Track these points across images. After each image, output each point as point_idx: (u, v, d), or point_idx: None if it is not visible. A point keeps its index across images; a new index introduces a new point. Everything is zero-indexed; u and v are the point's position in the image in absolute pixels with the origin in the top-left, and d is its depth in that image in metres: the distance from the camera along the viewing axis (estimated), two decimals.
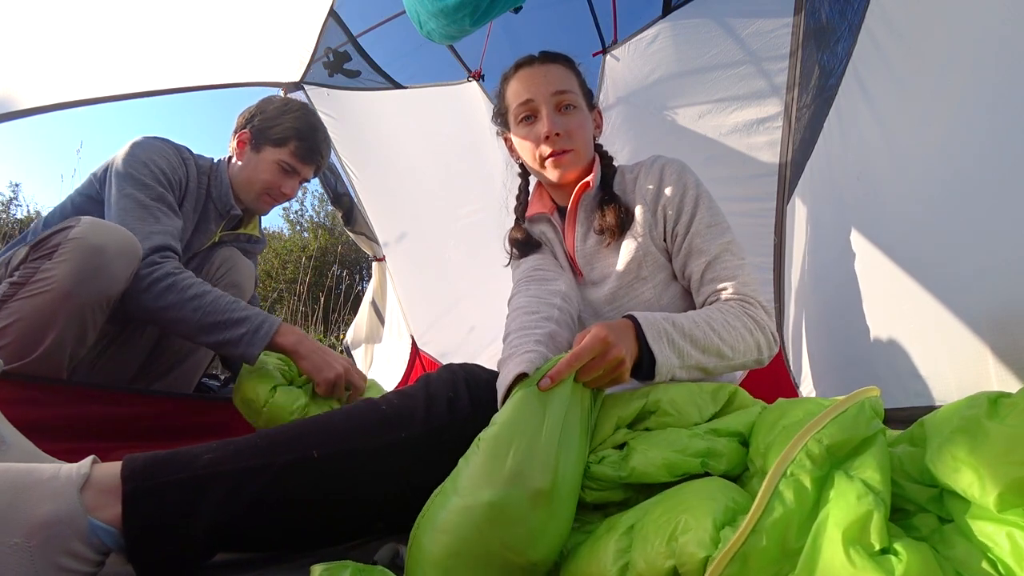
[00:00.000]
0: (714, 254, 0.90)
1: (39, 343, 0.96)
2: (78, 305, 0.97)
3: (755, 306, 0.85)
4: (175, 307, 1.04)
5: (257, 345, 1.03)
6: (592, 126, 1.04)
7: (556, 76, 0.98)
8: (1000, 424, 0.37)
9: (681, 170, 0.97)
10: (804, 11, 1.54)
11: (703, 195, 0.95)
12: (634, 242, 0.96)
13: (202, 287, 1.07)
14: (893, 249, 0.80)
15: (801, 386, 1.51)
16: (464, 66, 2.17)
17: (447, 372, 0.75)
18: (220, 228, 1.37)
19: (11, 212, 7.38)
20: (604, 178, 1.02)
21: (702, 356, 0.75)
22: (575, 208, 1.02)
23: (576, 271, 1.04)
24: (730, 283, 0.87)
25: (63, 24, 1.34)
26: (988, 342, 0.53)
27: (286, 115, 1.35)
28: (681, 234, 0.94)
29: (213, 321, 1.04)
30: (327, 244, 9.19)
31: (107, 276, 0.98)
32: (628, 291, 0.97)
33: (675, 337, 0.73)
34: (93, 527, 0.52)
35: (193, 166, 1.31)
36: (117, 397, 1.14)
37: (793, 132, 1.66)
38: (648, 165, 1.01)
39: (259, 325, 1.04)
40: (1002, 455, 0.35)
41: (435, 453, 0.66)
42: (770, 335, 0.84)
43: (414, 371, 2.61)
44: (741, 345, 0.79)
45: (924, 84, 0.69)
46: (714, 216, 0.93)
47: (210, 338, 1.05)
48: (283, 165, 1.33)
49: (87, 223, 0.99)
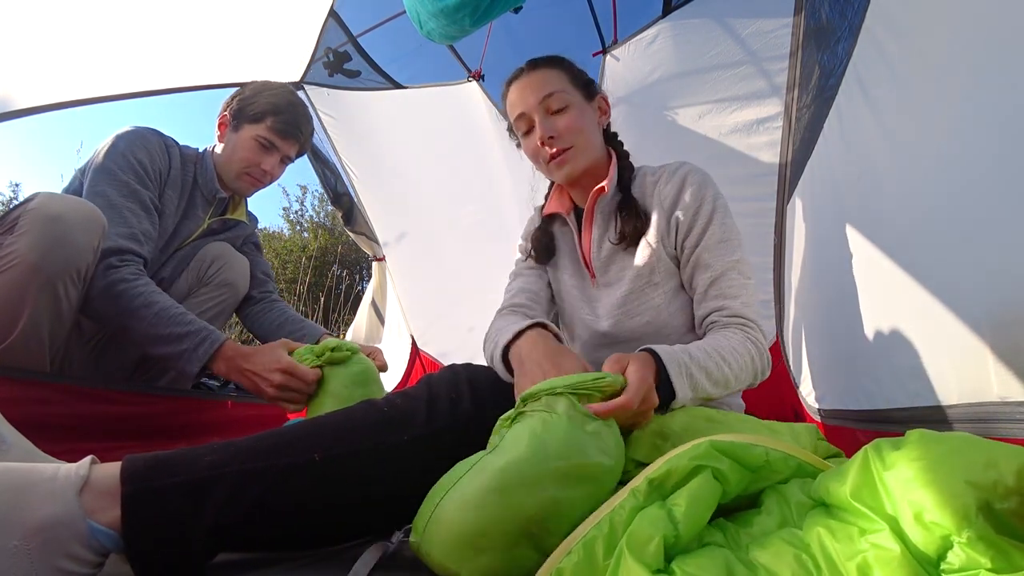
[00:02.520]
0: (720, 271, 0.90)
1: (15, 322, 0.95)
2: (47, 278, 0.95)
3: (755, 329, 0.86)
4: (123, 315, 1.04)
5: (195, 363, 1.02)
6: (595, 116, 1.04)
7: (541, 81, 0.98)
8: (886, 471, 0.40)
9: (703, 181, 0.97)
10: (804, 11, 1.53)
11: (719, 209, 0.94)
12: (648, 248, 0.96)
13: (151, 296, 1.06)
14: (893, 249, 0.80)
15: (801, 386, 1.51)
16: (464, 66, 2.17)
17: (449, 373, 0.75)
18: (208, 215, 1.37)
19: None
20: (621, 179, 1.02)
21: (711, 388, 0.76)
22: (591, 212, 1.02)
23: (590, 273, 1.05)
24: (732, 303, 0.88)
25: (62, 24, 1.34)
26: (988, 342, 0.52)
27: (263, 93, 1.35)
28: (691, 246, 0.94)
29: (156, 333, 1.03)
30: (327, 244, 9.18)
31: (71, 246, 0.97)
32: (639, 296, 0.97)
33: (693, 371, 0.73)
34: (92, 529, 0.51)
35: (177, 155, 1.31)
36: (117, 396, 1.14)
37: (793, 132, 1.65)
38: (672, 171, 1.00)
39: (199, 343, 1.03)
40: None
41: (437, 454, 0.66)
42: (767, 358, 0.86)
43: (414, 371, 2.61)
44: (744, 374, 0.81)
45: (924, 84, 0.69)
46: (726, 232, 0.92)
47: (155, 350, 1.05)
48: (261, 140, 1.32)
49: (44, 195, 0.98)
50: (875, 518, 0.39)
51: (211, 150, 1.38)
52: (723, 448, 0.50)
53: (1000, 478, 0.33)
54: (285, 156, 1.39)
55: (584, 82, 1.04)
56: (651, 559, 0.41)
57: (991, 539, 0.32)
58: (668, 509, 0.46)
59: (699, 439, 0.52)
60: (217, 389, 1.54)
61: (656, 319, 0.96)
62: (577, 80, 1.02)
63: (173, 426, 1.26)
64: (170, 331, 1.03)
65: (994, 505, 0.33)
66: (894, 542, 0.36)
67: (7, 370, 0.94)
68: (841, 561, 0.38)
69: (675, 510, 0.46)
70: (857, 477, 0.41)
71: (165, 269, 1.29)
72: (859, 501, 0.41)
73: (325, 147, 2.33)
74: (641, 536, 0.43)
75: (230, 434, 1.21)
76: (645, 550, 0.42)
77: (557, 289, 1.12)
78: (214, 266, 1.33)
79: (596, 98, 1.05)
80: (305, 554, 0.68)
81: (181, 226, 1.32)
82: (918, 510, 0.36)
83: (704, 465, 0.49)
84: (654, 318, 0.96)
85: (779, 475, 0.51)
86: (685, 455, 0.50)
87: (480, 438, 0.63)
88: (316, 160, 2.34)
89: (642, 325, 0.97)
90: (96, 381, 1.16)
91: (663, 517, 0.44)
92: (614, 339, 1.01)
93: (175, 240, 1.31)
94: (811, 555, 0.40)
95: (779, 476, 0.52)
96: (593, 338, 1.04)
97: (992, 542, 0.32)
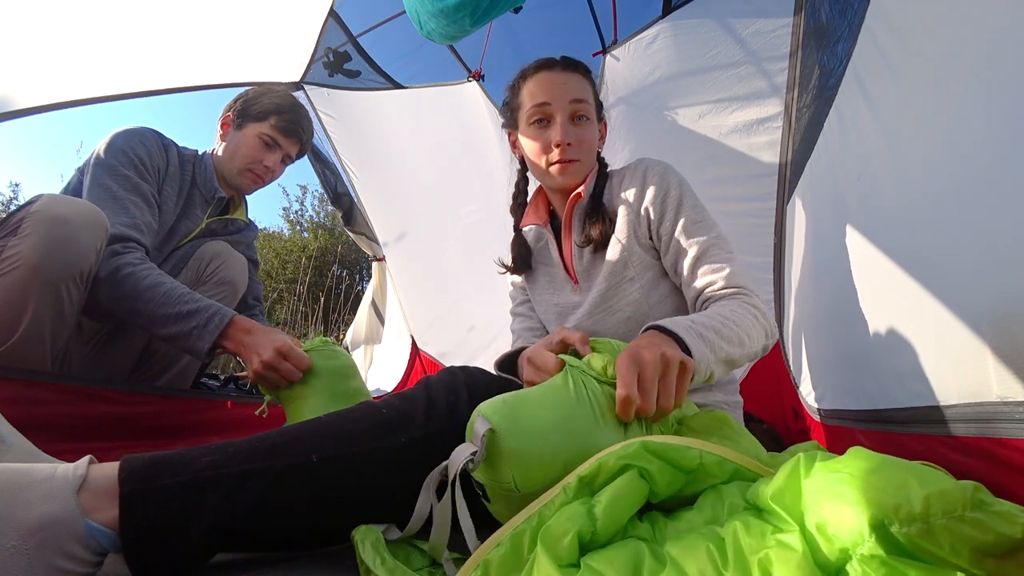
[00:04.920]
0: (702, 249, 0.91)
1: (18, 323, 0.95)
2: (49, 279, 0.96)
3: (750, 295, 0.87)
4: (130, 297, 1.04)
5: (206, 339, 1.02)
6: (598, 137, 1.05)
7: (575, 85, 0.99)
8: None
9: (664, 171, 0.98)
10: (804, 11, 1.53)
11: (687, 194, 0.96)
12: (618, 244, 0.98)
13: (158, 278, 1.06)
14: (893, 249, 0.80)
15: (801, 386, 1.51)
16: (464, 66, 2.17)
17: (447, 375, 0.75)
18: (207, 214, 1.38)
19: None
20: (596, 187, 1.04)
21: (729, 346, 0.74)
22: (569, 218, 1.04)
23: (572, 279, 1.06)
24: (721, 276, 0.88)
25: (62, 24, 1.34)
26: (988, 342, 0.52)
27: (267, 94, 1.38)
28: (667, 233, 0.95)
29: (164, 313, 1.03)
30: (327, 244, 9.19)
31: (75, 247, 0.97)
32: (616, 291, 0.99)
33: (702, 331, 0.71)
34: (90, 529, 0.51)
35: (175, 153, 1.32)
36: (116, 396, 1.14)
37: (793, 132, 1.65)
38: (633, 168, 1.03)
39: (209, 318, 1.03)
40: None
41: (435, 456, 0.65)
42: (770, 320, 0.86)
43: (414, 371, 2.61)
44: (754, 332, 0.80)
45: (924, 84, 0.69)
46: (698, 213, 0.94)
47: (163, 330, 1.05)
48: (264, 138, 1.34)
49: (48, 197, 0.99)
50: (790, 520, 0.40)
51: (210, 152, 1.39)
52: (654, 449, 0.51)
53: (905, 503, 0.33)
54: (286, 155, 1.41)
55: (599, 103, 1.06)
56: (564, 553, 0.43)
57: (883, 559, 0.32)
58: (590, 506, 0.47)
59: (631, 440, 0.52)
60: (217, 389, 1.54)
61: (636, 312, 0.98)
62: (596, 98, 1.04)
63: (173, 426, 1.26)
64: (178, 310, 1.04)
65: (890, 527, 0.33)
66: (799, 543, 0.37)
67: (7, 370, 0.94)
68: (747, 556, 0.38)
69: (596, 507, 0.47)
70: (782, 481, 0.42)
71: (164, 267, 1.29)
72: (779, 503, 0.41)
73: (325, 147, 2.33)
74: (556, 531, 0.44)
75: (230, 434, 1.21)
76: (559, 544, 0.43)
77: (536, 303, 1.14)
78: (212, 264, 1.33)
79: (601, 121, 1.07)
80: (304, 554, 0.68)
81: (179, 224, 1.32)
82: (821, 521, 0.36)
83: (631, 464, 0.50)
84: (634, 312, 0.98)
85: (715, 478, 0.52)
86: (614, 454, 0.51)
87: None
88: (316, 160, 2.34)
89: (624, 320, 0.99)
90: (96, 381, 1.16)
91: (582, 513, 0.46)
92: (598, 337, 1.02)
93: (173, 238, 1.31)
94: (722, 549, 0.40)
95: (715, 479, 0.52)
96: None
97: (884, 562, 0.32)
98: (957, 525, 0.32)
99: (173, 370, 1.35)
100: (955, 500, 0.32)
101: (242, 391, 1.49)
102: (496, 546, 0.46)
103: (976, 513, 0.32)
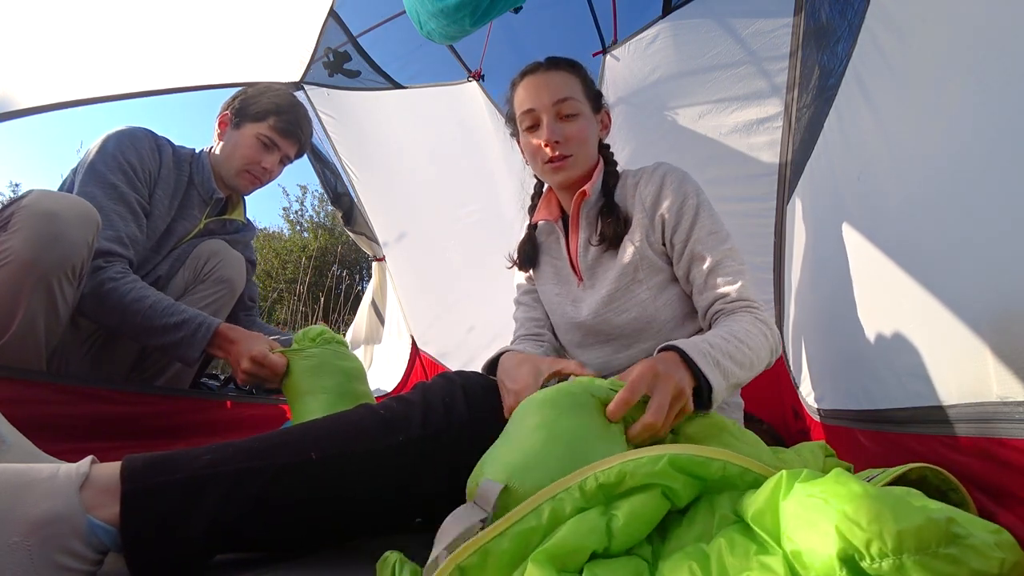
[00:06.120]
0: (716, 260, 0.92)
1: (11, 319, 0.95)
2: (41, 274, 0.95)
3: (760, 309, 0.89)
4: (115, 313, 1.07)
5: (195, 348, 1.07)
6: (597, 128, 1.05)
7: (558, 84, 0.99)
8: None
9: (682, 179, 0.99)
10: (804, 11, 1.53)
11: (703, 203, 0.97)
12: (631, 246, 0.98)
13: (141, 292, 1.09)
14: (893, 249, 0.80)
15: (801, 386, 1.51)
16: (464, 66, 2.17)
17: (444, 380, 0.76)
18: (204, 215, 1.38)
19: None
20: (605, 184, 1.04)
21: (740, 371, 0.75)
22: (576, 216, 1.05)
23: (577, 275, 1.06)
24: (734, 289, 0.90)
25: (62, 24, 1.35)
26: (988, 342, 0.52)
27: (266, 93, 1.37)
28: (681, 241, 0.96)
29: (151, 326, 1.07)
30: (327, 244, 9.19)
31: (66, 242, 0.97)
32: (625, 292, 0.99)
33: (719, 358, 0.72)
34: (92, 526, 0.52)
35: (169, 154, 1.31)
36: (117, 396, 1.14)
37: (793, 132, 1.65)
38: (651, 172, 1.03)
39: (196, 328, 1.07)
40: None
41: (432, 457, 0.67)
42: (777, 334, 0.87)
43: (414, 371, 2.61)
44: (763, 352, 0.82)
45: (924, 84, 0.69)
46: (715, 224, 0.95)
47: (154, 341, 1.09)
48: (263, 139, 1.34)
49: (38, 192, 0.98)
50: (772, 542, 0.40)
51: (208, 151, 1.38)
52: (681, 465, 0.49)
53: (877, 538, 0.32)
54: (285, 156, 1.40)
55: (594, 93, 1.06)
56: (572, 564, 0.43)
57: None
58: (608, 518, 0.46)
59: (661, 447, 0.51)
60: (217, 389, 1.54)
61: (643, 314, 0.98)
62: (589, 90, 1.04)
63: (173, 426, 1.26)
64: (165, 322, 1.06)
65: (859, 562, 0.32)
66: (782, 568, 0.36)
67: (7, 370, 0.94)
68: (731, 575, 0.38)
69: (614, 522, 0.45)
70: (762, 502, 0.41)
71: (161, 267, 1.29)
72: (759, 525, 0.41)
73: (325, 147, 2.33)
74: (571, 545, 0.43)
75: (230, 434, 1.22)
76: (570, 559, 0.43)
77: (541, 294, 1.15)
78: (210, 263, 1.33)
79: (601, 111, 1.07)
80: (303, 554, 0.68)
81: (176, 225, 1.32)
82: (795, 548, 0.36)
83: (657, 484, 0.48)
84: (640, 313, 0.98)
85: (736, 488, 0.51)
86: (642, 469, 0.48)
87: (474, 443, 0.63)
88: (316, 160, 2.34)
89: (630, 320, 0.99)
90: (96, 381, 1.16)
91: (600, 528, 0.45)
92: (601, 336, 1.03)
93: (170, 239, 1.31)
94: (706, 568, 0.40)
95: (736, 489, 0.51)
96: (580, 337, 1.07)
97: None
98: (930, 562, 0.31)
99: (172, 369, 1.35)
100: (928, 537, 0.32)
101: (242, 391, 1.49)
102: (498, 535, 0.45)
103: (950, 549, 0.32)
